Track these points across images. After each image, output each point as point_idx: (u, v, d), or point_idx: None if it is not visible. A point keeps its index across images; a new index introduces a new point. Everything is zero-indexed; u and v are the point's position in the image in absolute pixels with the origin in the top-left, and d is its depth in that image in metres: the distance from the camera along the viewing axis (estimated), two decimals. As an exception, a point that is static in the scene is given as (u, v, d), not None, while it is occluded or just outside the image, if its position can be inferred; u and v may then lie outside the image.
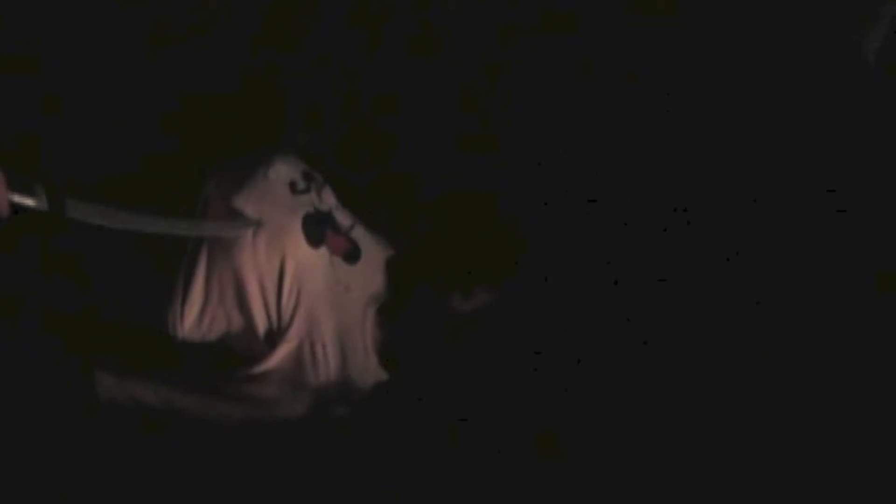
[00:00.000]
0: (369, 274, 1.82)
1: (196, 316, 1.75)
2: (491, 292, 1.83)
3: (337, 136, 2.05)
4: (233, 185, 1.72)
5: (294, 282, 1.70)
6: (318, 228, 1.73)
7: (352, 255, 1.78)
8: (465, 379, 1.81)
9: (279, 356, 1.73)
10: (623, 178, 2.13)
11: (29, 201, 1.35)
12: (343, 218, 1.81)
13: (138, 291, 1.81)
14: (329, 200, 1.79)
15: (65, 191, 1.41)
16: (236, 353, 1.78)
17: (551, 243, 2.00)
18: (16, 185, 1.34)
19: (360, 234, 1.82)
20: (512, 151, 2.13)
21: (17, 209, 1.35)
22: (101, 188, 1.78)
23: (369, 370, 1.81)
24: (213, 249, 1.72)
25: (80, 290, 1.86)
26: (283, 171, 1.74)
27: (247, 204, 1.69)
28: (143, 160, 1.97)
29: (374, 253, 1.84)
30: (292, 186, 1.74)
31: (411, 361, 1.82)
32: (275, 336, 1.74)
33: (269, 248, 1.68)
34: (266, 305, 1.71)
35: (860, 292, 1.91)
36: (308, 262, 1.71)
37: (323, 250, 1.73)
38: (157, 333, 1.77)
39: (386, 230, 1.88)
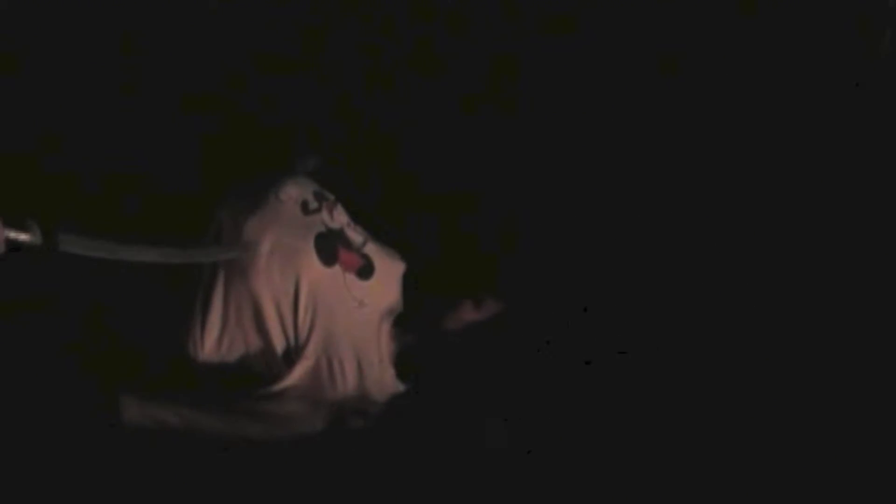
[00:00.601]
0: (383, 288, 1.85)
1: (215, 339, 1.78)
2: (501, 302, 1.86)
3: (346, 156, 2.08)
4: (244, 209, 1.76)
5: (309, 301, 1.74)
6: (330, 247, 1.76)
7: (365, 270, 1.81)
8: (481, 388, 1.84)
9: (297, 373, 1.77)
10: (624, 179, 2.16)
11: (24, 237, 1.37)
12: (355, 234, 1.84)
13: (158, 316, 1.85)
14: (340, 218, 1.83)
15: (58, 225, 1.42)
16: (255, 372, 1.81)
17: (557, 250, 2.03)
18: (10, 222, 1.36)
19: (372, 250, 1.85)
20: (517, 160, 2.16)
21: (12, 245, 1.36)
22: (112, 219, 1.84)
23: (386, 383, 1.84)
24: (229, 274, 1.75)
25: (101, 316, 1.90)
26: (293, 192, 1.77)
27: (259, 227, 1.73)
28: (154, 188, 2.01)
29: (387, 267, 1.87)
30: (304, 207, 1.77)
31: (427, 373, 1.85)
32: (292, 354, 1.77)
33: (283, 269, 1.72)
34: (283, 325, 1.75)
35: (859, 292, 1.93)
36: (322, 280, 1.75)
37: (336, 268, 1.77)
38: (178, 357, 1.81)
39: (398, 244, 1.91)
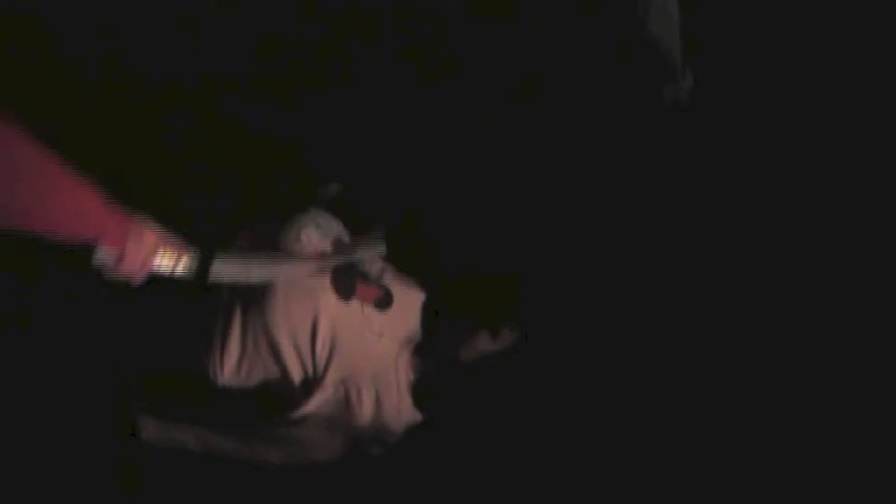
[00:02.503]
0: (401, 318, 1.84)
1: (234, 364, 1.78)
2: (517, 332, 1.87)
3: (366, 186, 2.07)
4: (264, 245, 1.75)
5: (327, 336, 1.73)
6: (347, 282, 1.75)
7: (383, 302, 1.81)
8: (497, 418, 1.87)
9: (315, 402, 1.77)
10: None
11: (180, 266, 1.27)
12: (373, 266, 1.83)
13: (180, 338, 1.86)
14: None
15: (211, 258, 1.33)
16: (275, 397, 1.82)
17: (574, 281, 2.04)
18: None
19: (391, 280, 1.84)
20: (538, 190, 2.17)
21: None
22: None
23: (403, 412, 1.84)
24: (245, 304, 1.74)
25: (124, 338, 1.91)
26: (314, 238, 1.75)
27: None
28: (175, 213, 1.99)
29: (406, 297, 1.86)
30: (322, 254, 1.76)
31: (444, 402, 1.87)
32: (310, 384, 1.77)
33: (300, 306, 1.71)
34: (300, 357, 1.75)
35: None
36: (340, 315, 1.74)
37: (354, 301, 1.76)
38: (199, 380, 1.83)
39: (416, 274, 1.91)
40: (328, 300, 1.73)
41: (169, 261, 1.27)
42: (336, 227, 1.80)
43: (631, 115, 2.27)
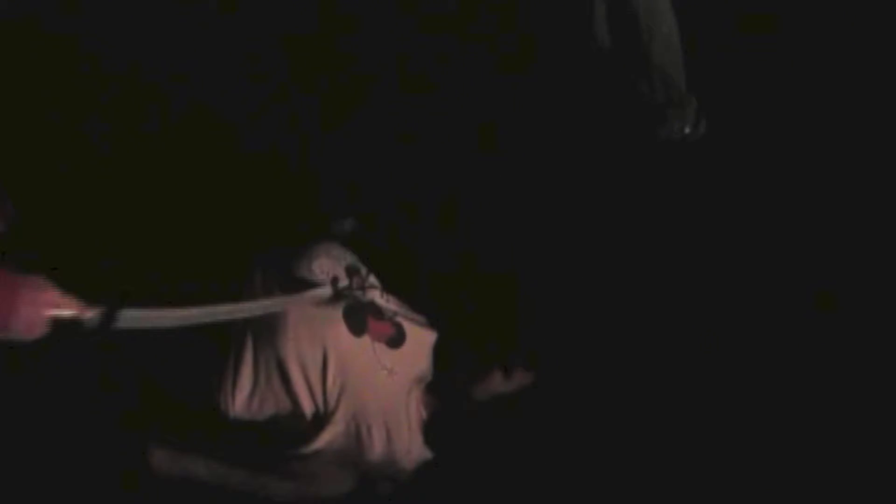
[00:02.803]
0: (413, 356, 1.84)
1: (246, 397, 1.79)
2: (531, 373, 1.85)
3: (382, 222, 2.07)
4: (277, 277, 1.76)
5: (338, 370, 1.73)
6: (359, 318, 1.75)
7: (395, 340, 1.80)
8: (508, 457, 1.85)
9: (326, 437, 1.77)
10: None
11: (87, 315, 1.30)
12: (386, 303, 1.83)
13: (194, 368, 1.86)
14: (372, 290, 1.81)
15: (118, 307, 1.37)
16: (286, 431, 1.82)
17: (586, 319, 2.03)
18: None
19: (403, 319, 1.84)
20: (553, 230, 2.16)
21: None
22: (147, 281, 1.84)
23: (414, 449, 1.83)
24: (257, 337, 1.75)
25: (135, 368, 1.91)
26: (326, 265, 1.76)
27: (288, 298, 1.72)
28: (192, 240, 2.00)
29: (418, 336, 1.85)
30: (334, 282, 1.76)
31: (455, 441, 1.86)
32: (321, 418, 1.77)
33: (311, 339, 1.71)
34: (311, 392, 1.75)
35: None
36: (351, 350, 1.74)
37: (365, 338, 1.76)
38: (211, 411, 1.82)
39: (429, 313, 1.90)
40: (339, 335, 1.74)
41: (68, 316, 1.28)
42: (349, 258, 1.80)
43: (635, 142, 2.27)
